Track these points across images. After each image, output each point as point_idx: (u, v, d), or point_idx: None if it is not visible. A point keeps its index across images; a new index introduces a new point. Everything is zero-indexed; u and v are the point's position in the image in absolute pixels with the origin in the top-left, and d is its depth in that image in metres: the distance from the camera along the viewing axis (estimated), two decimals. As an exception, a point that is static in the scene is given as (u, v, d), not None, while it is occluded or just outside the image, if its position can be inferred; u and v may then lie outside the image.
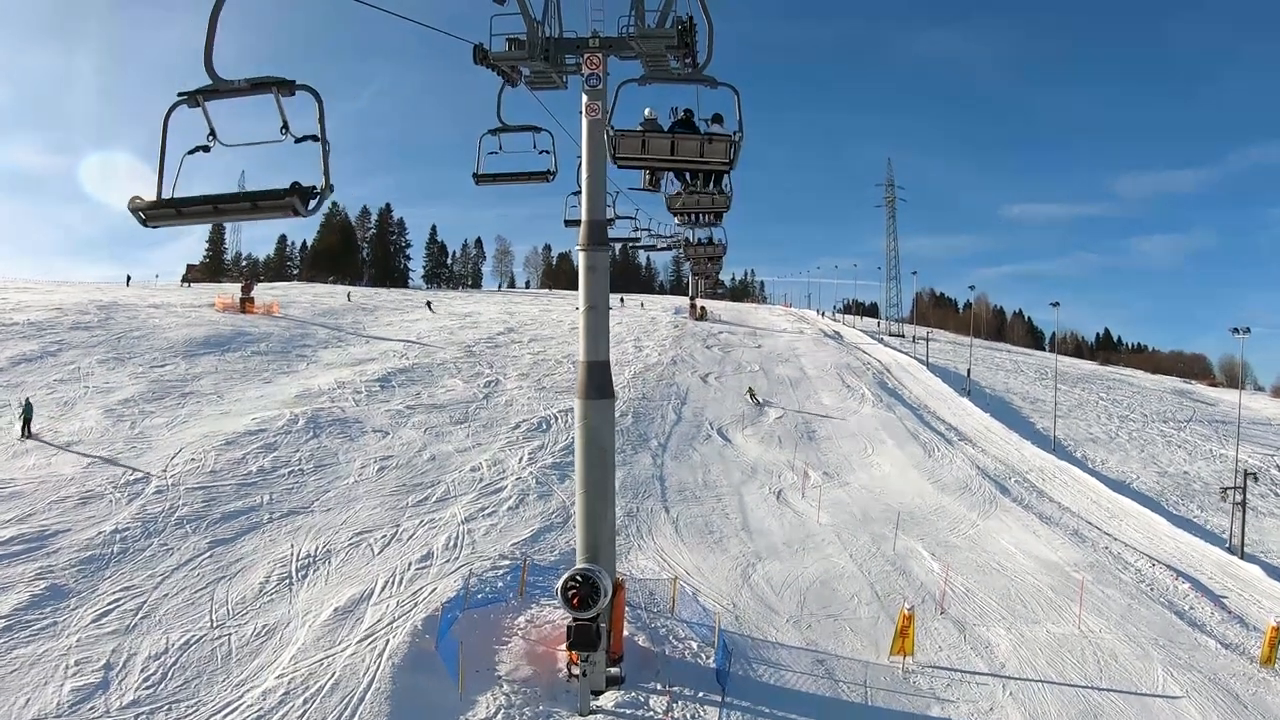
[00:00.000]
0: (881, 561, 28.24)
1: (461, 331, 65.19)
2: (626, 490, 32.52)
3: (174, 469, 28.88)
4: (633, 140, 13.11)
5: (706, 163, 13.46)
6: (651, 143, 13.24)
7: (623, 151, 12.98)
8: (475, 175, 19.63)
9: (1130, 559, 31.08)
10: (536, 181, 19.97)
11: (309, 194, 8.37)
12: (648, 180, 21.01)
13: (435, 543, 25.34)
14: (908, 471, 40.30)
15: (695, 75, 13.80)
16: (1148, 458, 50.65)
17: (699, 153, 13.19)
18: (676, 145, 13.19)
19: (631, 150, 13.08)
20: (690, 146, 13.17)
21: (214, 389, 40.47)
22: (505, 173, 19.80)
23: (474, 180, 19.72)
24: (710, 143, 13.13)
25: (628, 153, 13.08)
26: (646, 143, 13.24)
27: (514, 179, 20.08)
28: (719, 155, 13.07)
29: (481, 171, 19.57)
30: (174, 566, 22.53)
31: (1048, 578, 28.09)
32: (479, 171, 19.56)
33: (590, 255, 18.63)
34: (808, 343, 75.67)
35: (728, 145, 12.95)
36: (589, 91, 18.26)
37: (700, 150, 13.17)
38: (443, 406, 41.23)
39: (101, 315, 53.02)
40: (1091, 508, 37.53)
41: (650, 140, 13.27)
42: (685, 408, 47.81)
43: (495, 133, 19.24)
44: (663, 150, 13.17)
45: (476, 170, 19.54)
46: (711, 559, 27.18)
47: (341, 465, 31.31)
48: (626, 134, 13.02)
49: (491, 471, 32.50)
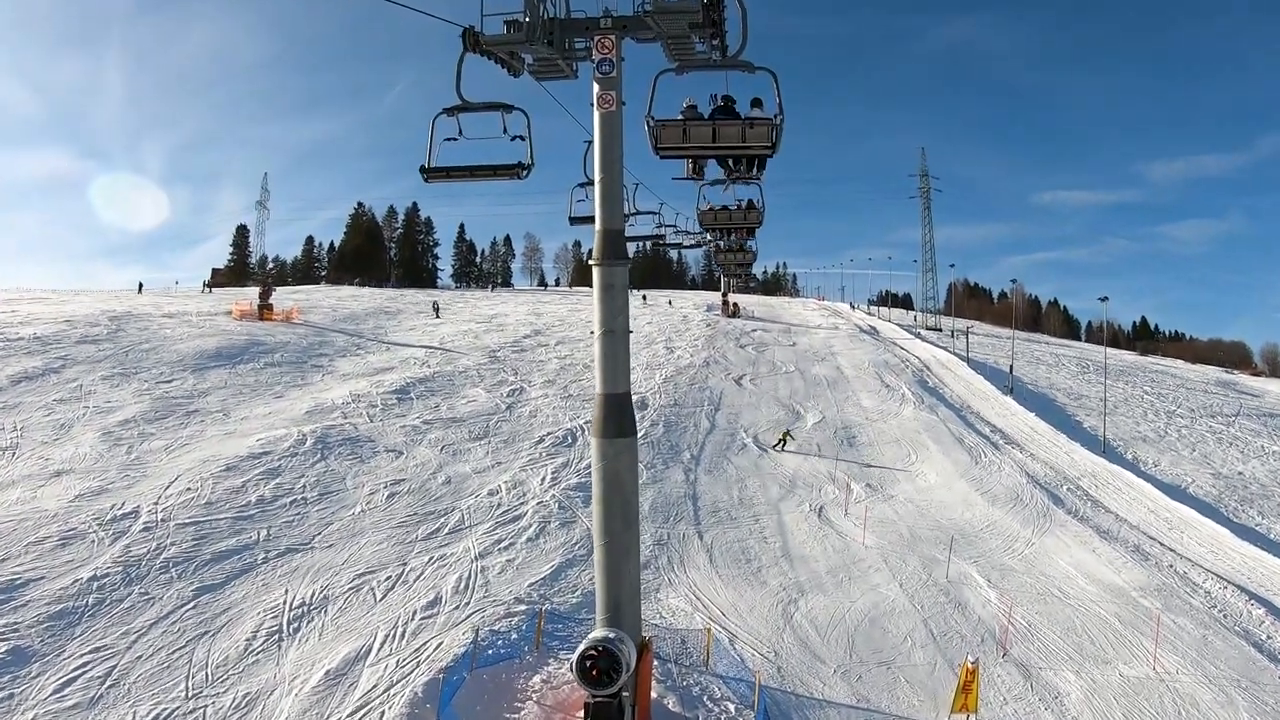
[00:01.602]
0: (934, 591, 25.69)
1: (486, 335, 63.15)
2: (657, 514, 30.15)
3: (166, 501, 26.66)
4: (674, 130, 13.16)
5: (749, 148, 13.30)
6: (693, 131, 13.33)
7: (665, 142, 13.07)
8: (424, 169, 15.67)
9: (1198, 579, 28.49)
10: (504, 178, 15.69)
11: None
12: (690, 169, 19.46)
13: (444, 585, 22.95)
14: (954, 482, 37.67)
15: (732, 61, 13.03)
16: (1200, 458, 47.96)
17: (741, 138, 13.06)
18: (718, 132, 13.14)
19: (673, 140, 13.22)
20: (732, 132, 13.05)
21: (220, 406, 38.37)
22: (463, 166, 15.80)
23: (422, 175, 15.72)
24: (752, 127, 12.98)
25: (670, 143, 13.22)
26: (688, 131, 13.34)
27: (474, 174, 16.00)
28: (761, 139, 12.97)
29: (433, 164, 15.65)
30: (153, 620, 20.27)
31: (1114, 606, 25.51)
32: (429, 164, 15.62)
33: (607, 271, 15.54)
34: (843, 339, 73.07)
35: (769, 129, 12.86)
36: (601, 80, 15.34)
37: (742, 135, 13.06)
38: (462, 420, 38.96)
39: (112, 327, 51.10)
40: (1150, 518, 34.91)
41: (692, 129, 13.33)
42: (719, 414, 45.38)
43: (452, 112, 15.26)
44: (704, 137, 13.23)
45: (427, 162, 15.60)
46: (749, 594, 24.67)
47: (349, 492, 29.02)
48: (668, 124, 13.07)
49: (511, 495, 30.14)
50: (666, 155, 14.22)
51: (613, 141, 15.23)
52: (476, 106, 15.38)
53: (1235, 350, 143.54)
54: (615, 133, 15.14)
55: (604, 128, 15.32)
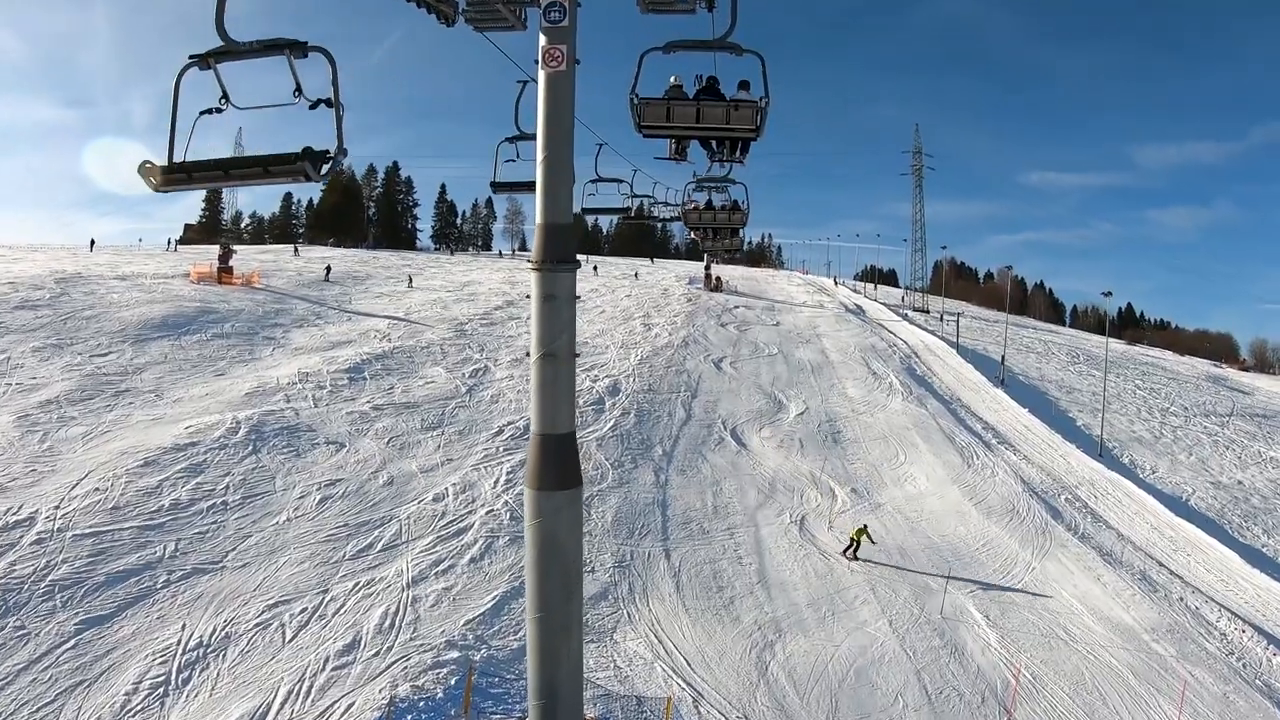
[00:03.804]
0: (928, 632, 22.86)
1: (456, 306, 59.97)
2: (621, 527, 27.26)
3: (69, 505, 23.63)
4: (658, 108, 12.06)
5: (733, 129, 12.46)
6: (676, 110, 12.27)
7: (648, 120, 11.97)
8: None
9: (1211, 617, 25.81)
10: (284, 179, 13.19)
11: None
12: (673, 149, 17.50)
13: (367, 621, 19.96)
14: (946, 488, 34.80)
15: (720, 43, 11.70)
16: (1197, 463, 45.48)
17: (725, 119, 12.24)
18: (702, 112, 12.23)
19: (656, 119, 12.10)
20: (716, 113, 12.21)
21: (155, 385, 35.23)
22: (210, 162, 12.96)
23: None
24: (736, 109, 12.13)
25: (653, 121, 12.09)
26: (671, 110, 12.24)
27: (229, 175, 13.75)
28: (746, 122, 12.12)
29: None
30: (23, 664, 17.33)
31: (1126, 654, 22.78)
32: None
33: (548, 278, 12.27)
34: (829, 320, 70.11)
35: (754, 111, 11.99)
36: (548, 30, 11.89)
37: (726, 117, 12.19)
38: (416, 406, 35.92)
39: (56, 291, 47.72)
40: (1153, 537, 32.16)
41: (675, 108, 12.27)
42: (696, 402, 42.40)
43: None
44: (688, 118, 12.26)
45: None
46: (720, 635, 21.73)
47: (276, 495, 25.98)
48: (651, 102, 11.98)
49: (458, 502, 27.15)
50: (649, 134, 12.73)
51: (561, 111, 12.00)
52: (244, 49, 8.61)
53: (1222, 342, 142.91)
54: (564, 99, 12.01)
55: (551, 92, 12.02)
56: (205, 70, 8.33)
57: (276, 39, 8.24)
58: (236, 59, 8.33)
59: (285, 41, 8.21)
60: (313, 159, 8.19)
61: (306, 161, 8.18)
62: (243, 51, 8.32)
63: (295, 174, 8.31)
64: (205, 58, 8.33)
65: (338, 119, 8.25)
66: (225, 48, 8.29)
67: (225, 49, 8.29)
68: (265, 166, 8.39)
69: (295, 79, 8.18)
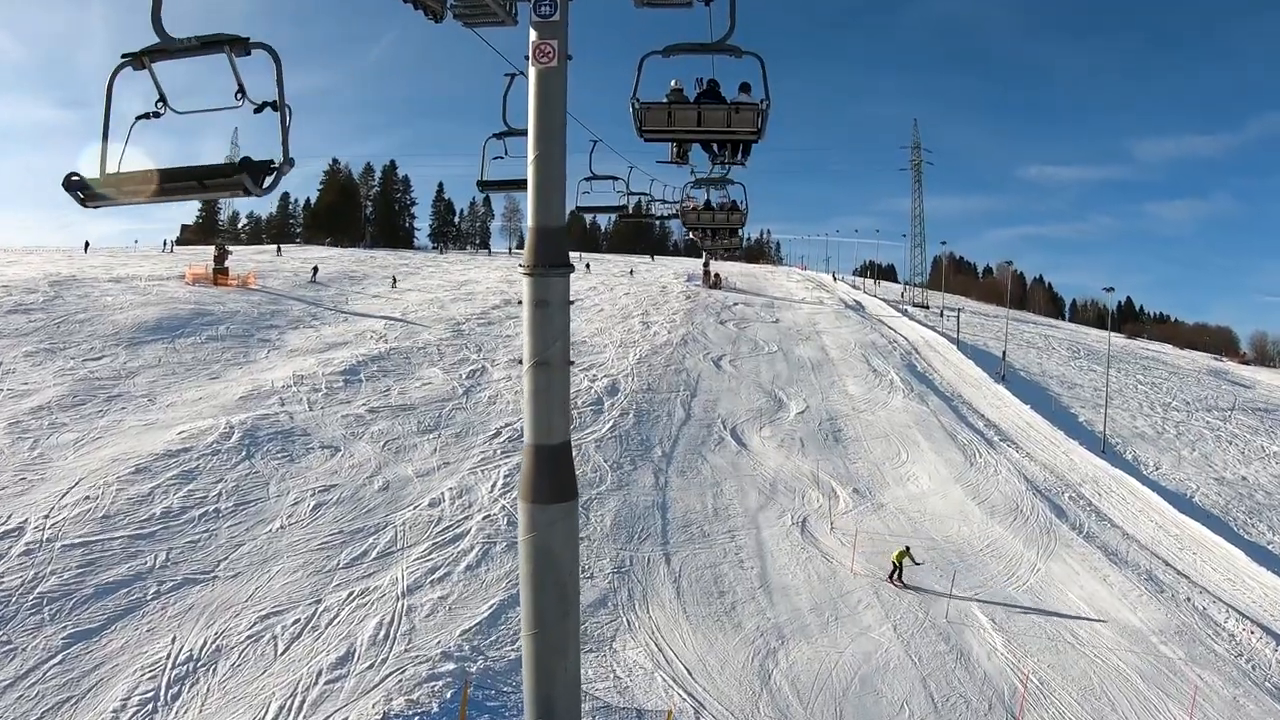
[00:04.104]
0: (933, 637, 22.47)
1: (453, 305, 59.54)
2: (620, 531, 26.85)
3: (59, 514, 23.20)
4: (659, 113, 11.98)
5: (734, 133, 12.36)
6: (678, 114, 12.24)
7: (649, 125, 11.87)
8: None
9: (1219, 617, 25.49)
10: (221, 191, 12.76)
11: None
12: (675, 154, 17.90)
13: (361, 632, 19.55)
14: (949, 487, 34.39)
15: (719, 45, 11.36)
16: (1200, 459, 45.09)
17: (726, 122, 12.11)
18: (703, 116, 12.19)
19: (658, 124, 12.01)
20: (717, 116, 12.13)
21: (148, 389, 34.82)
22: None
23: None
24: (737, 112, 12.00)
25: (654, 125, 12.01)
26: (673, 114, 12.19)
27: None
28: (746, 124, 11.99)
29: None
30: (8, 681, 16.92)
31: (1134, 656, 22.41)
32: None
33: (539, 283, 11.52)
34: (828, 316, 69.74)
35: (755, 114, 11.83)
36: (539, 24, 11.11)
37: (728, 120, 12.07)
38: (413, 408, 35.50)
39: (50, 294, 47.31)
40: (1159, 535, 31.80)
41: (676, 112, 12.24)
42: (695, 401, 41.98)
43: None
44: (689, 121, 12.24)
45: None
46: (721, 643, 21.32)
47: (269, 502, 25.56)
48: (652, 106, 11.90)
49: (455, 507, 26.73)
50: (651, 138, 12.67)
51: (552, 108, 11.25)
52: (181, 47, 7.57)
53: (1221, 335, 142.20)
54: (556, 96, 11.08)
55: (542, 88, 11.32)
56: (140, 70, 7.42)
57: (216, 35, 7.28)
58: (174, 58, 7.37)
59: (225, 38, 7.27)
60: (253, 171, 7.16)
61: (245, 174, 7.15)
62: (180, 49, 7.33)
63: (233, 188, 7.30)
64: (139, 56, 7.40)
65: (283, 125, 7.24)
66: (161, 46, 7.30)
67: (161, 47, 7.31)
68: (200, 180, 7.36)
69: (238, 80, 7.30)
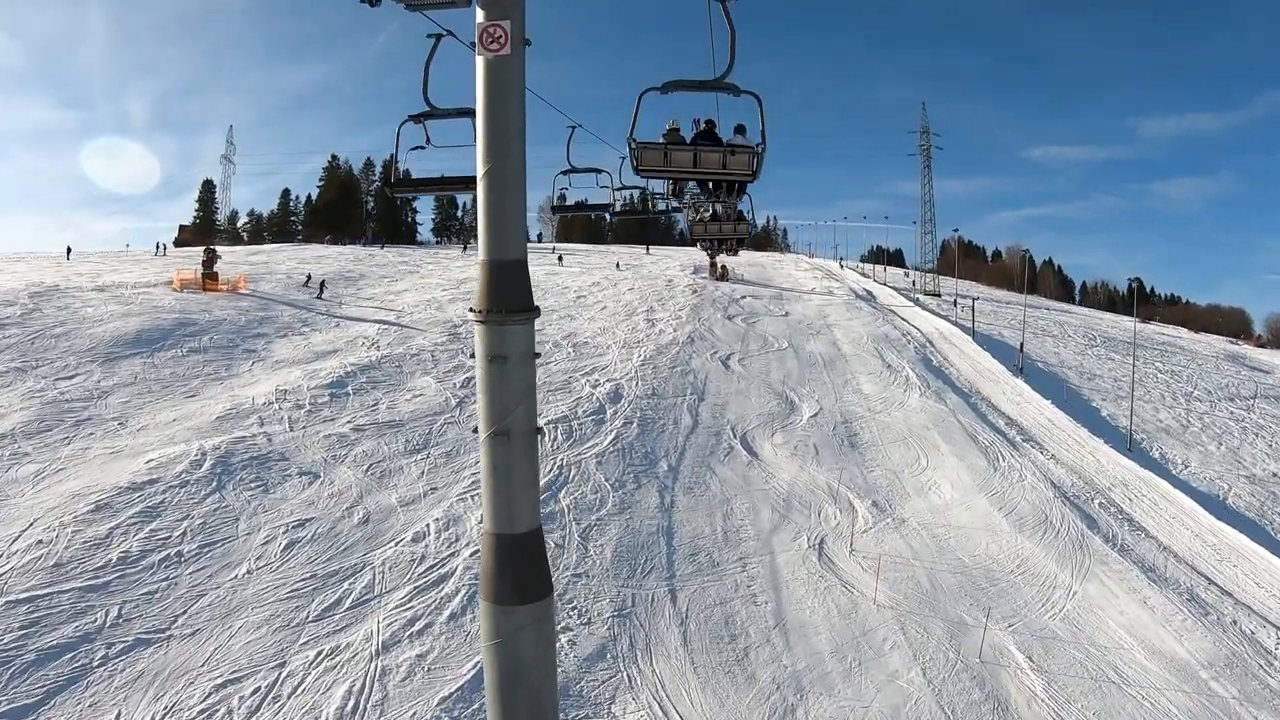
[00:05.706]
0: (967, 682, 20.23)
1: (451, 305, 57.52)
2: (622, 564, 24.63)
3: (6, 564, 21.11)
4: (655, 153, 11.52)
5: (729, 174, 12.16)
6: (674, 155, 11.90)
7: (646, 164, 11.48)
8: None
9: (1269, 643, 23.29)
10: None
11: None
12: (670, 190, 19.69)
13: (327, 704, 17.34)
14: (973, 497, 32.11)
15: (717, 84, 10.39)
16: (1228, 454, 43.19)
17: (722, 164, 11.80)
18: (699, 157, 11.93)
19: (654, 163, 11.63)
20: (713, 158, 11.89)
21: (120, 411, 32.82)
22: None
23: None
24: (733, 154, 11.76)
25: (650, 165, 11.63)
26: (669, 155, 11.79)
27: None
28: (742, 167, 11.72)
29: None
30: (-80, 777, 14.96)
31: (1184, 697, 20.20)
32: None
33: (494, 332, 7.96)
34: (839, 308, 67.70)
35: (750, 156, 11.53)
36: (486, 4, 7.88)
37: (723, 162, 11.77)
38: (401, 424, 33.37)
39: (29, 306, 45.53)
40: (1196, 545, 29.52)
41: (673, 153, 11.88)
42: (703, 406, 39.82)
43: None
44: (685, 162, 11.95)
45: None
46: (733, 700, 19.03)
47: (238, 541, 23.42)
48: (649, 146, 11.42)
49: (440, 541, 24.52)
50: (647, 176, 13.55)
51: (506, 108, 7.45)
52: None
53: (1235, 317, 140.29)
54: (511, 93, 7.41)
55: (492, 82, 7.80)
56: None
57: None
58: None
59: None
60: None
61: None
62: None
63: None
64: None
65: None
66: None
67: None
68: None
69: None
